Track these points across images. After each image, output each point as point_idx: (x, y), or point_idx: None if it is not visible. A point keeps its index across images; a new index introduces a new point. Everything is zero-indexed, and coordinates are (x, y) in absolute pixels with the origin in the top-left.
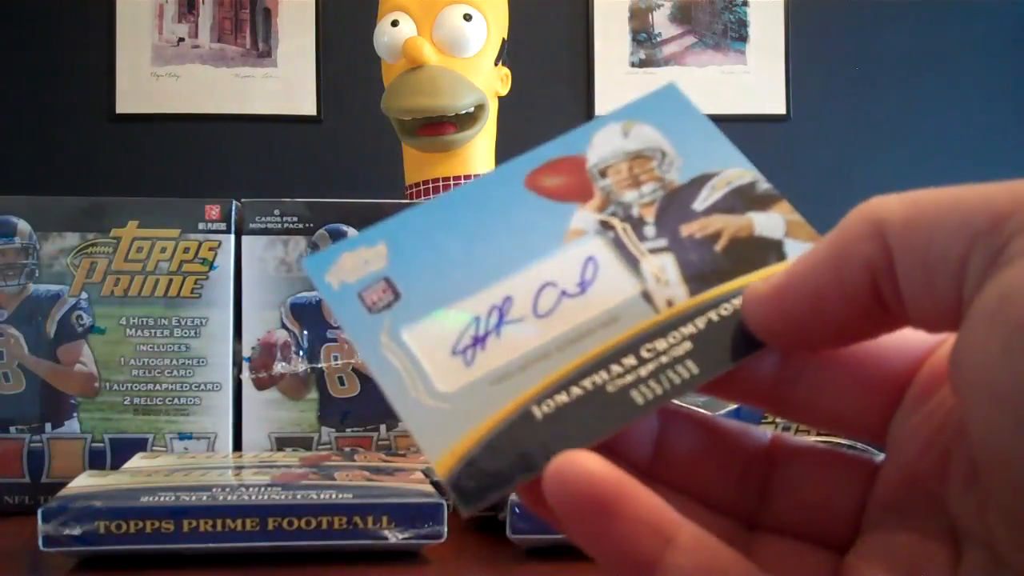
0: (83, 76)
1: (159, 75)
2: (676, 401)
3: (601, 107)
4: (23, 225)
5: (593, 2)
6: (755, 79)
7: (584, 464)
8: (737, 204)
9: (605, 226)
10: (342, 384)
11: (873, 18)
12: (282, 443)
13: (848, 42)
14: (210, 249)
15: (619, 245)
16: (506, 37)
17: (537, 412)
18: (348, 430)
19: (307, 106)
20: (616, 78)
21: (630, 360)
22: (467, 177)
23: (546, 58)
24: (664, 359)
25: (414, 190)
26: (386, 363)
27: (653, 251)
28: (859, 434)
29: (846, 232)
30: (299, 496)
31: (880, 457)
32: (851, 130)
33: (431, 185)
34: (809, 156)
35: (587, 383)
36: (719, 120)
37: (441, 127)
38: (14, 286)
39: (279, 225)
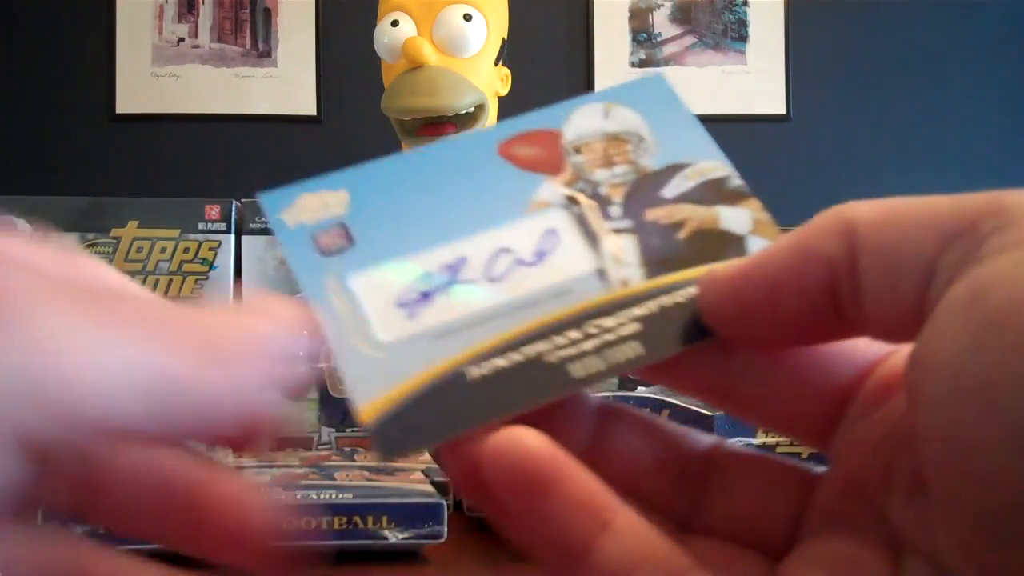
0: (83, 76)
1: (159, 75)
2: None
3: None
4: (23, 225)
5: (593, 2)
6: (755, 79)
7: (523, 439)
8: (707, 196)
9: (571, 201)
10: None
11: (873, 18)
12: (282, 443)
13: (848, 42)
14: (210, 249)
15: (582, 221)
16: (506, 37)
17: (473, 372)
18: (348, 430)
19: (307, 106)
20: (616, 78)
21: (575, 333)
22: None
23: (546, 58)
24: (609, 336)
25: None
26: (329, 305)
27: (616, 231)
28: (802, 438)
29: (813, 228)
30: (299, 496)
31: (820, 470)
32: (851, 130)
33: None
34: (809, 156)
35: (528, 350)
36: (719, 120)
37: (441, 127)
38: None
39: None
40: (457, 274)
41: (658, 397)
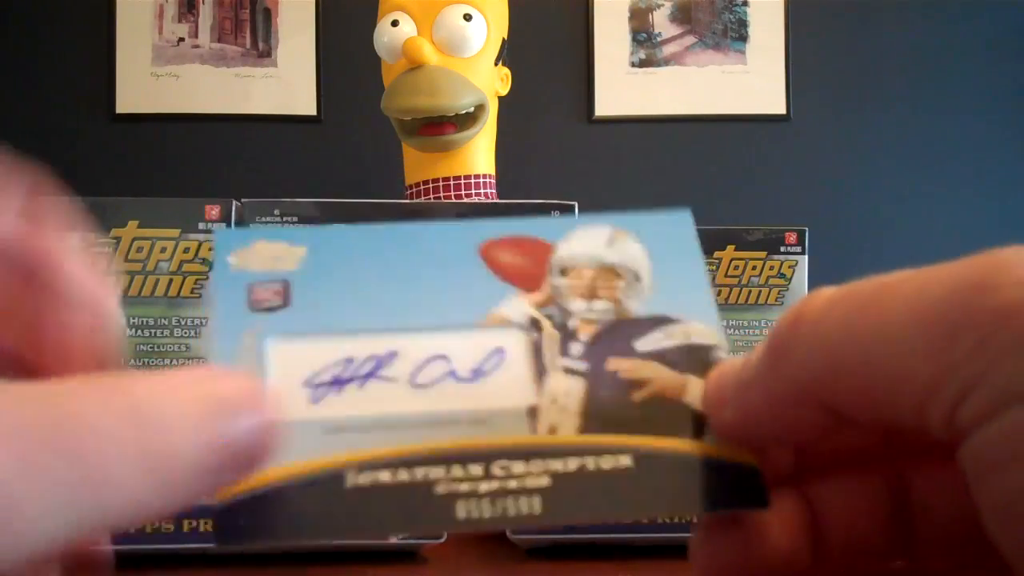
0: (83, 76)
1: (159, 75)
2: None
3: (601, 107)
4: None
5: (593, 2)
6: (755, 79)
7: None
8: (682, 361)
9: (533, 324)
10: None
11: (873, 18)
12: None
13: (848, 42)
14: (210, 249)
15: (536, 350)
16: (506, 37)
17: (352, 479)
18: None
19: (307, 106)
20: (616, 78)
21: (477, 469)
22: (467, 177)
23: (546, 58)
24: (512, 484)
25: (414, 190)
26: (233, 364)
27: (567, 370)
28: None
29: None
30: None
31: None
32: (851, 130)
33: (431, 185)
34: (809, 156)
35: (420, 473)
36: (719, 120)
37: (441, 127)
38: None
39: (279, 225)
40: (381, 368)
41: None
